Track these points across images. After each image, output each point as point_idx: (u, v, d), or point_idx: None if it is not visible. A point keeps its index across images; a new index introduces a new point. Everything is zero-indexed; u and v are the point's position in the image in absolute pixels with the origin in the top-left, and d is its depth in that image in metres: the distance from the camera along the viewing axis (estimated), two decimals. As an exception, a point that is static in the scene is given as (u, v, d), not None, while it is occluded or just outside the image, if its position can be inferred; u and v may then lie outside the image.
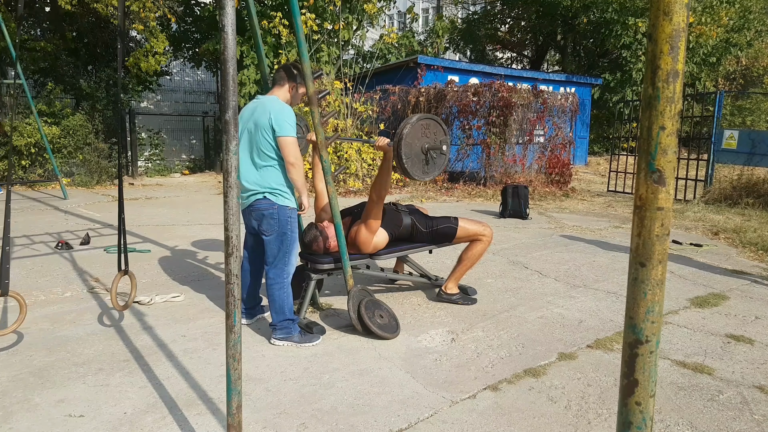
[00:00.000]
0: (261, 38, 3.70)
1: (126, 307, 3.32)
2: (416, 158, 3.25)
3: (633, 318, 1.13)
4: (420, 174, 3.31)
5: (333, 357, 3.01)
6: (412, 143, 3.22)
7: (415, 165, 3.26)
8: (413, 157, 3.23)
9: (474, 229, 3.83)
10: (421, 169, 3.30)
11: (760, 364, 3.00)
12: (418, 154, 3.26)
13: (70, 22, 11.62)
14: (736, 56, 17.11)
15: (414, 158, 3.24)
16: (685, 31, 1.03)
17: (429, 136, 3.31)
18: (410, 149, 3.21)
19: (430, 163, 3.32)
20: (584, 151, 15.96)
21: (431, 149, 3.31)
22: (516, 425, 2.34)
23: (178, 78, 16.33)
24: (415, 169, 3.26)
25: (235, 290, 1.82)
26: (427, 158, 3.30)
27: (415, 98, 11.06)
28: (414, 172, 3.26)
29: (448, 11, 24.92)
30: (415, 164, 3.26)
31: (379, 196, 3.46)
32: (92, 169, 11.07)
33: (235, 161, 1.75)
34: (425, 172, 3.32)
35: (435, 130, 3.34)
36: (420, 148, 3.27)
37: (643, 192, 1.08)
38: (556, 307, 3.88)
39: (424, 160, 3.28)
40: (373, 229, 3.56)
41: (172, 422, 2.33)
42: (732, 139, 9.56)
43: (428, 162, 3.31)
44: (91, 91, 11.80)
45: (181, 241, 5.96)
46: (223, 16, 1.68)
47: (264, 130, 3.05)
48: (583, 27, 17.01)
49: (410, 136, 3.21)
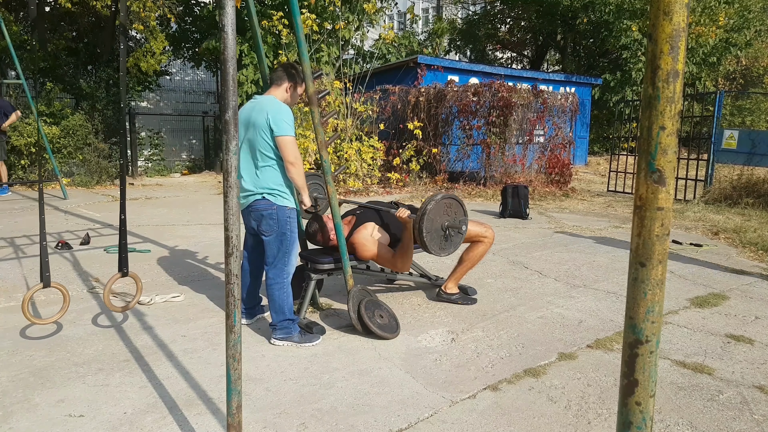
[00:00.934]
0: (261, 38, 3.70)
1: (126, 308, 3.31)
2: (436, 234, 3.37)
3: (633, 318, 1.13)
4: (437, 250, 3.41)
5: (333, 357, 3.01)
6: (434, 219, 3.34)
7: (434, 240, 3.37)
8: (433, 232, 3.35)
9: (476, 230, 3.83)
10: (439, 245, 3.41)
11: (760, 364, 3.00)
12: (438, 230, 3.38)
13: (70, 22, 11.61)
14: (736, 56, 17.10)
15: (434, 233, 3.36)
16: (685, 31, 1.03)
17: (450, 214, 3.43)
18: (432, 225, 3.33)
19: (448, 240, 3.44)
20: (584, 151, 15.96)
21: (450, 227, 3.42)
22: (516, 425, 2.34)
23: (177, 78, 16.32)
24: (434, 244, 3.37)
25: (235, 290, 1.82)
26: (446, 235, 3.41)
27: (415, 98, 11.06)
28: (432, 247, 3.37)
29: (448, 11, 24.92)
30: (434, 239, 3.36)
31: (404, 268, 3.62)
32: (92, 169, 11.07)
33: (235, 161, 1.75)
34: (442, 248, 3.43)
35: (456, 210, 3.46)
36: (440, 225, 3.39)
37: (643, 192, 1.08)
38: (556, 307, 3.88)
39: (443, 236, 3.40)
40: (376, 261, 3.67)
41: (172, 422, 2.33)
42: (732, 139, 9.56)
43: (447, 239, 3.43)
44: (90, 91, 11.80)
45: (181, 241, 5.96)
46: (223, 16, 1.68)
47: (262, 130, 3.05)
48: (583, 27, 17.01)
49: (433, 212, 3.32)
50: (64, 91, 11.89)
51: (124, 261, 3.17)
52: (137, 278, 3.32)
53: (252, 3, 3.41)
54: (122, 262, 3.16)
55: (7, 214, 7.65)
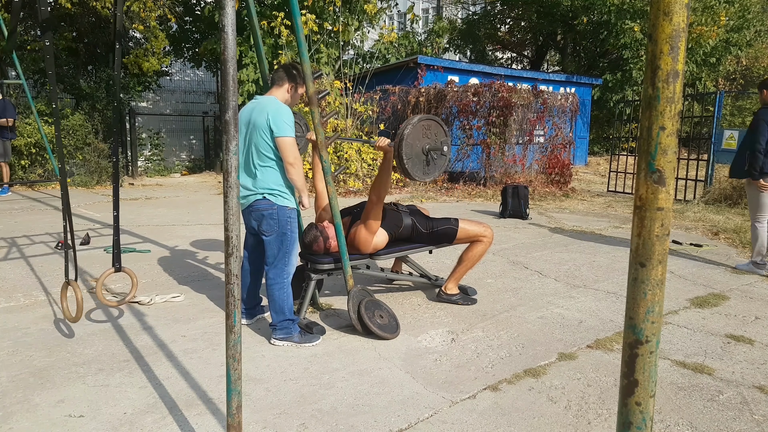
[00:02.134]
0: (261, 38, 3.70)
1: (120, 303, 3.31)
2: (417, 159, 3.26)
3: (633, 318, 1.13)
4: (420, 174, 3.32)
5: (333, 357, 3.01)
6: (413, 144, 3.23)
7: (416, 165, 3.27)
8: (414, 157, 3.24)
9: (475, 230, 3.83)
10: (422, 170, 3.31)
11: (760, 364, 3.00)
12: (419, 154, 3.27)
13: (70, 22, 11.61)
14: (736, 56, 17.10)
15: (415, 159, 3.25)
16: (685, 32, 1.03)
17: (430, 137, 3.32)
18: (411, 150, 3.22)
19: (430, 164, 3.33)
20: (584, 151, 15.96)
21: (432, 150, 3.32)
22: (516, 425, 2.34)
23: (177, 78, 16.32)
24: (416, 169, 3.28)
25: (235, 290, 1.82)
26: (428, 159, 3.31)
27: (415, 98, 11.07)
28: (415, 172, 3.28)
29: (448, 11, 24.91)
30: (416, 165, 3.27)
31: (379, 197, 3.45)
32: (92, 169, 11.07)
33: (235, 161, 1.75)
34: (426, 172, 3.34)
35: (436, 131, 3.35)
36: (421, 149, 3.28)
37: (643, 192, 1.08)
38: (556, 307, 3.88)
39: (425, 160, 3.30)
40: (373, 229, 3.56)
41: (172, 422, 2.33)
42: (732, 139, 9.57)
43: (429, 163, 3.32)
44: (90, 91, 11.80)
45: (181, 241, 5.96)
46: (223, 16, 1.68)
47: (262, 131, 3.05)
48: (583, 27, 17.01)
49: (411, 136, 3.22)
50: (64, 91, 11.89)
51: (117, 256, 3.16)
52: (132, 273, 3.30)
53: (252, 3, 3.41)
54: (115, 258, 3.16)
55: (7, 214, 7.65)
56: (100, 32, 12.09)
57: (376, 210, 3.51)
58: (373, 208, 3.50)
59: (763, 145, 4.76)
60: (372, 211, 3.51)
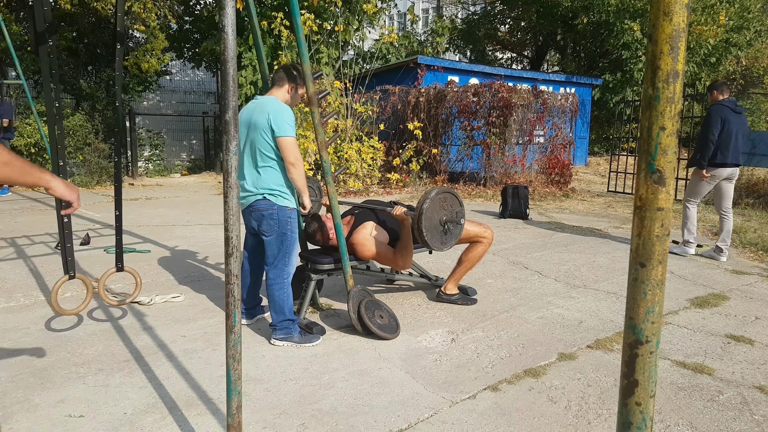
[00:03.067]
0: (261, 39, 3.70)
1: (122, 303, 3.31)
2: (435, 230, 3.40)
3: (633, 318, 1.13)
4: (438, 245, 3.45)
5: (333, 357, 3.01)
6: (432, 217, 3.37)
7: (434, 237, 3.40)
8: (432, 229, 3.38)
9: (475, 231, 3.83)
10: (440, 240, 3.44)
11: (761, 364, 3.00)
12: (437, 226, 3.41)
13: (70, 22, 11.61)
14: (736, 56, 17.10)
15: (433, 230, 3.39)
16: (685, 32, 1.03)
17: (446, 208, 3.46)
18: (430, 222, 3.36)
19: (447, 233, 3.47)
20: (584, 151, 15.96)
21: (449, 222, 3.45)
22: (516, 425, 2.34)
23: (178, 78, 16.33)
24: (435, 240, 3.41)
25: (235, 290, 1.82)
26: (445, 229, 3.44)
27: (415, 98, 11.07)
28: (433, 243, 3.41)
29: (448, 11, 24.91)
30: (434, 236, 3.40)
31: (405, 265, 3.62)
32: (92, 169, 11.07)
33: (235, 161, 1.75)
34: (443, 242, 3.47)
35: (451, 202, 3.49)
36: (438, 221, 3.42)
37: (643, 192, 1.08)
38: (556, 308, 3.88)
39: (442, 231, 3.44)
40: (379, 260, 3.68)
41: (172, 422, 2.33)
42: (732, 139, 9.55)
43: (446, 233, 3.46)
44: (91, 92, 11.81)
45: (181, 241, 5.96)
46: (223, 17, 1.68)
47: (263, 131, 3.06)
48: (583, 27, 17.01)
49: (430, 210, 3.35)
50: (65, 92, 11.89)
51: (119, 256, 3.17)
52: (135, 273, 3.31)
53: (252, 3, 3.41)
54: (118, 258, 3.16)
55: (7, 214, 7.65)
56: (100, 32, 12.10)
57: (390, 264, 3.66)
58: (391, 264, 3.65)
59: (716, 136, 5.23)
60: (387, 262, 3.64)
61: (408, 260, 3.59)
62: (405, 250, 3.56)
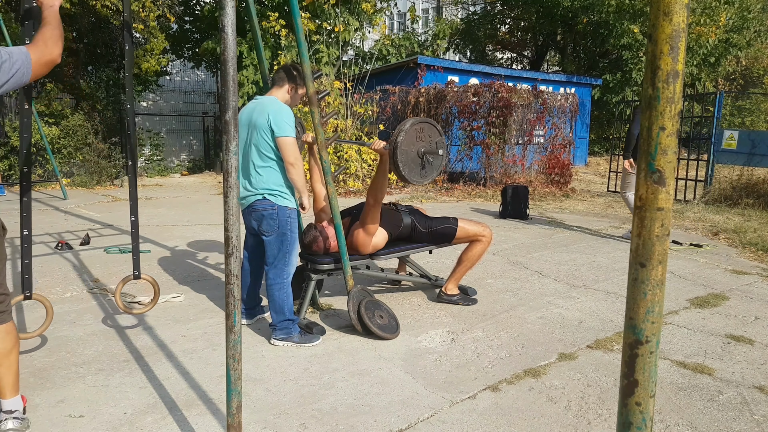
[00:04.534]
0: (261, 39, 3.70)
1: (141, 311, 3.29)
2: (413, 163, 3.27)
3: (633, 318, 1.13)
4: (418, 178, 3.33)
5: (333, 357, 3.01)
6: (408, 150, 3.24)
7: (412, 170, 3.28)
8: (409, 162, 3.25)
9: (474, 230, 3.83)
10: (419, 173, 3.32)
11: (760, 364, 3.00)
12: (414, 158, 3.28)
13: (70, 23, 11.61)
14: (736, 56, 17.11)
15: (410, 164, 3.26)
16: (685, 32, 1.03)
17: (424, 139, 3.32)
18: (406, 156, 3.23)
19: (426, 166, 3.34)
20: (584, 151, 15.96)
21: (427, 153, 3.32)
22: (516, 425, 2.34)
23: (177, 78, 16.33)
24: (413, 174, 3.29)
25: (235, 290, 1.82)
26: (424, 162, 3.31)
27: (414, 98, 11.07)
28: (412, 177, 3.29)
29: (448, 11, 24.91)
30: (412, 170, 3.28)
31: (376, 199, 3.45)
32: (92, 169, 11.07)
33: (235, 161, 1.75)
34: (423, 175, 3.34)
35: (429, 132, 3.35)
36: (416, 153, 3.29)
37: (643, 192, 1.08)
38: (556, 308, 3.88)
39: (421, 164, 3.30)
40: (371, 231, 3.56)
41: (172, 422, 2.33)
42: (732, 139, 9.57)
43: (425, 165, 3.33)
44: (90, 92, 11.80)
45: (180, 241, 5.96)
46: (223, 17, 1.68)
47: (263, 131, 3.06)
48: (583, 27, 17.01)
49: (405, 143, 3.23)
50: (64, 92, 11.89)
51: (136, 263, 3.15)
52: (154, 282, 3.28)
53: (252, 3, 3.42)
54: (135, 265, 3.15)
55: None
56: (100, 32, 12.09)
57: (373, 212, 3.50)
58: (371, 211, 3.50)
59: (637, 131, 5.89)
60: (369, 213, 3.51)
61: (380, 193, 3.42)
62: (378, 182, 3.39)
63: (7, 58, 1.93)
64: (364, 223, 3.53)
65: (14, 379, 2.23)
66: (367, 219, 3.52)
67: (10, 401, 2.21)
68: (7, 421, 2.17)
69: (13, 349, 2.22)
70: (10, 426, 2.16)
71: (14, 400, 2.23)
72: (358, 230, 3.56)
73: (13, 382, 2.23)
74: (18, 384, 2.26)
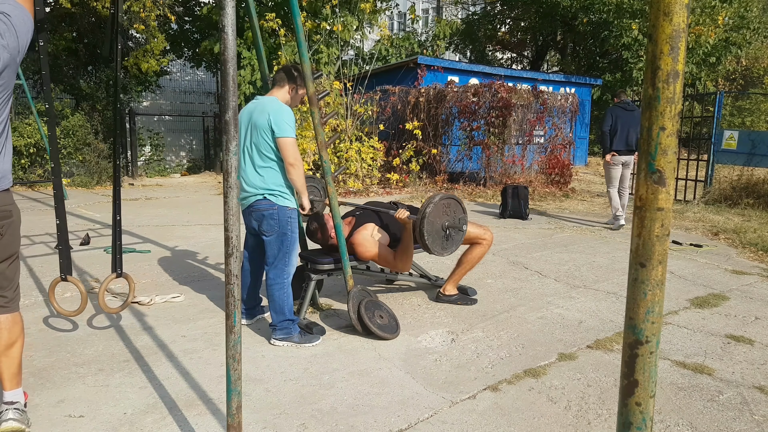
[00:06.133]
0: (261, 38, 3.70)
1: (123, 308, 3.30)
2: (437, 235, 3.39)
3: (633, 318, 1.13)
4: (440, 250, 3.44)
5: (333, 357, 3.01)
6: (434, 222, 3.36)
7: (435, 241, 3.39)
8: (434, 234, 3.37)
9: (475, 232, 3.83)
10: (441, 245, 3.44)
11: (761, 364, 3.00)
12: (439, 231, 3.40)
13: (70, 23, 11.61)
14: (736, 56, 17.10)
15: (435, 235, 3.38)
16: (685, 32, 1.03)
17: (449, 214, 3.45)
18: (432, 227, 3.35)
19: (449, 239, 3.46)
20: (584, 151, 15.96)
21: (451, 227, 3.44)
22: (516, 426, 2.34)
23: (177, 78, 16.32)
24: (436, 245, 3.40)
25: (235, 290, 1.82)
26: (447, 235, 3.44)
27: (414, 99, 11.06)
28: (434, 248, 3.40)
29: (448, 12, 24.90)
30: (435, 241, 3.39)
31: (404, 268, 3.62)
32: (92, 169, 11.07)
33: (235, 161, 1.75)
34: (444, 248, 3.46)
35: (455, 209, 3.49)
36: (441, 226, 3.41)
37: (643, 192, 1.08)
38: (556, 308, 3.88)
39: (444, 236, 3.43)
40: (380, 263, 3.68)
41: (172, 422, 2.33)
42: (732, 139, 9.56)
43: (448, 239, 3.45)
44: (90, 92, 11.80)
45: (180, 241, 5.96)
46: (223, 17, 1.68)
47: (263, 131, 3.06)
48: (583, 27, 17.01)
49: (433, 214, 3.34)
50: (65, 92, 11.89)
51: (119, 262, 3.16)
52: (130, 279, 3.30)
53: (252, 3, 3.42)
54: (118, 263, 3.15)
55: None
56: (100, 32, 12.09)
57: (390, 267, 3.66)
58: (391, 267, 3.65)
59: (606, 128, 6.75)
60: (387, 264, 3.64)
61: (407, 263, 3.59)
62: (405, 252, 3.55)
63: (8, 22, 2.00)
64: (379, 257, 3.61)
65: (17, 370, 2.26)
66: (382, 261, 3.63)
67: (11, 392, 2.24)
68: (8, 411, 2.19)
69: (18, 340, 2.25)
70: (11, 416, 2.18)
71: (16, 392, 2.25)
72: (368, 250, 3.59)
73: (16, 373, 2.25)
74: (20, 376, 2.28)
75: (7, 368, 2.22)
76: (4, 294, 2.20)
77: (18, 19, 2.02)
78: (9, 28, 1.99)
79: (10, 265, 2.20)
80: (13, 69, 2.05)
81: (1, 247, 2.14)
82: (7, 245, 2.16)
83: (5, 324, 2.21)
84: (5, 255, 2.17)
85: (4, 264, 2.18)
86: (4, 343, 2.20)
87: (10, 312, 2.23)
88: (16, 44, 2.01)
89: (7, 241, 2.16)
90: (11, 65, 2.02)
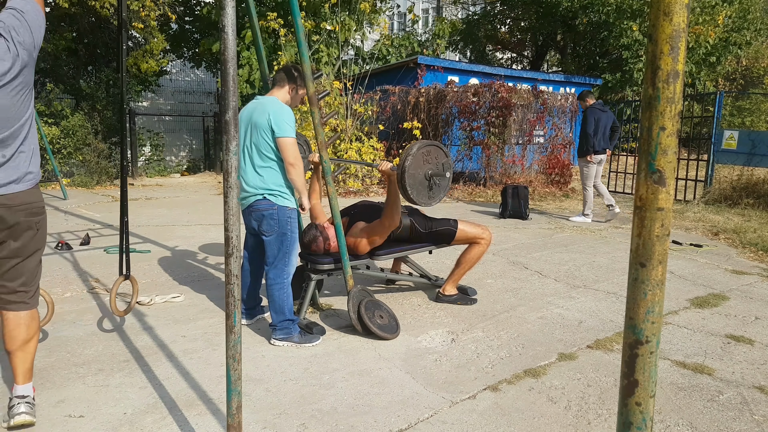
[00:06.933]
0: (261, 38, 3.70)
1: (128, 311, 3.32)
2: (420, 186, 3.33)
3: (633, 318, 1.13)
4: (426, 200, 3.39)
5: (333, 357, 3.01)
6: (415, 173, 3.30)
7: (420, 193, 3.34)
8: (417, 185, 3.32)
9: (473, 232, 3.83)
10: (426, 195, 3.38)
11: (761, 364, 3.00)
12: (422, 181, 3.34)
13: (70, 23, 11.60)
14: (736, 56, 17.11)
15: (418, 186, 3.32)
16: (686, 32, 1.03)
17: (431, 161, 3.38)
18: (414, 179, 3.29)
19: (434, 188, 3.40)
20: (584, 151, 15.94)
21: (434, 175, 3.38)
22: (516, 425, 2.34)
23: (177, 78, 16.32)
24: (421, 197, 3.35)
25: (235, 290, 1.82)
26: (431, 184, 3.37)
27: (414, 98, 11.06)
28: (420, 199, 3.34)
29: (448, 12, 24.90)
30: (420, 192, 3.34)
31: (392, 222, 3.52)
32: (92, 169, 11.06)
33: (235, 161, 1.75)
34: (431, 197, 3.40)
35: (436, 154, 3.41)
36: (423, 176, 3.35)
37: (644, 192, 1.08)
38: (556, 308, 3.88)
39: (428, 186, 3.37)
40: (376, 243, 3.62)
41: (172, 422, 2.33)
42: (732, 139, 9.56)
43: (432, 187, 3.39)
44: (90, 92, 11.79)
45: (181, 241, 5.96)
46: (223, 17, 1.68)
47: (263, 131, 3.06)
48: (583, 27, 17.00)
49: (412, 166, 3.28)
50: (64, 92, 11.88)
51: (127, 264, 3.17)
52: (134, 280, 3.32)
53: (252, 3, 3.42)
54: (126, 266, 3.17)
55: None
56: (100, 32, 12.09)
57: (384, 231, 3.57)
58: (383, 230, 3.56)
59: (592, 129, 7.04)
60: (379, 231, 3.56)
61: (396, 217, 3.50)
62: (392, 206, 3.47)
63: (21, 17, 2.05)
64: (370, 236, 3.56)
65: (30, 366, 2.31)
66: (375, 234, 3.57)
67: (23, 387, 2.28)
68: (20, 405, 2.24)
69: (35, 336, 2.31)
70: (23, 410, 2.23)
71: (28, 386, 2.29)
72: (361, 240, 3.57)
73: (29, 368, 2.30)
74: (32, 372, 2.33)
75: (22, 363, 2.27)
76: (27, 290, 2.26)
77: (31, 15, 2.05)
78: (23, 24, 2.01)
79: (38, 261, 2.28)
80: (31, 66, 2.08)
81: (33, 242, 2.21)
82: (39, 240, 2.24)
83: (24, 320, 2.26)
84: (34, 249, 2.24)
85: (33, 259, 2.25)
86: (22, 339, 2.25)
87: (30, 308, 2.29)
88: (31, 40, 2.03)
89: (40, 236, 2.24)
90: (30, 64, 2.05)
